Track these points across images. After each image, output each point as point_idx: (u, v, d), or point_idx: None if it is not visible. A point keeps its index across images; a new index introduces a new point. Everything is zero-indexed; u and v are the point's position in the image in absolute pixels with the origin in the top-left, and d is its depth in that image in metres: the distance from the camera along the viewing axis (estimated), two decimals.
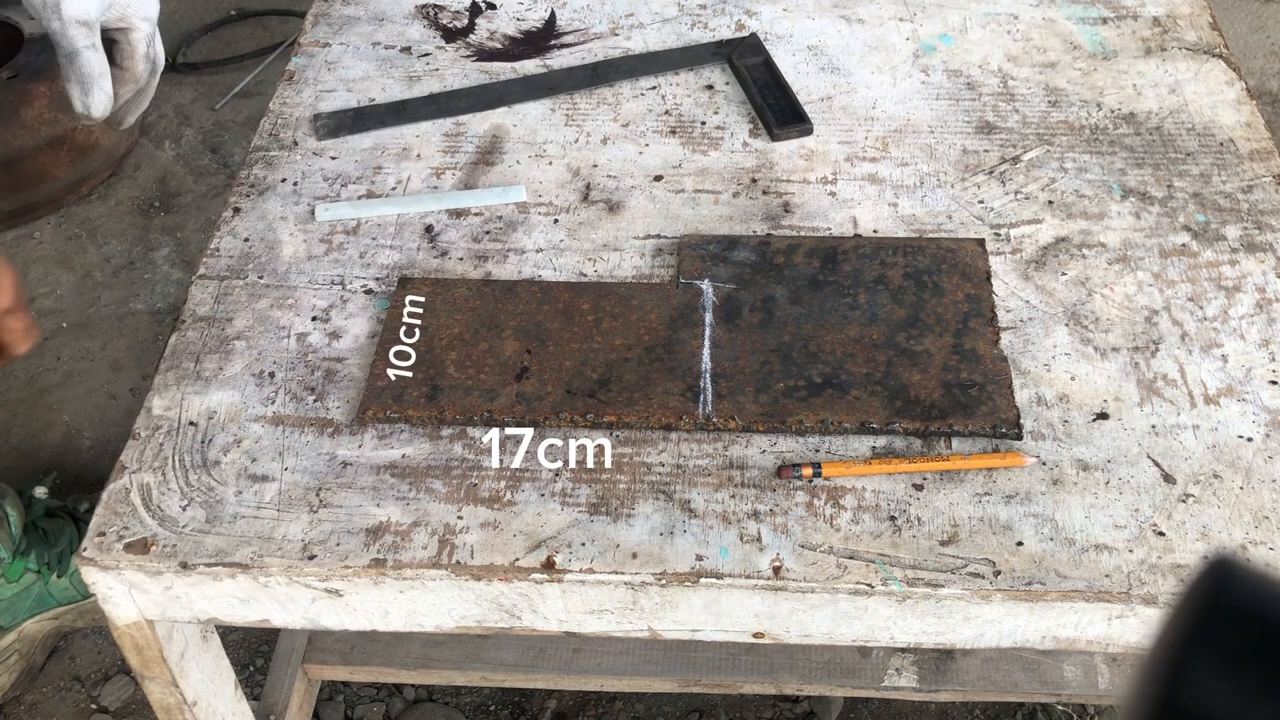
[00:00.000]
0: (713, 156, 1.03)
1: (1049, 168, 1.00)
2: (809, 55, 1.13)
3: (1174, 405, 0.83)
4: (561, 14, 1.19)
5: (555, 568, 0.74)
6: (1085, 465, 0.79)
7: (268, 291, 0.92)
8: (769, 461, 0.80)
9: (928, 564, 0.74)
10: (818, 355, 0.85)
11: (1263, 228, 0.95)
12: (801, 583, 0.74)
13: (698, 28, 1.16)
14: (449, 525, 0.77)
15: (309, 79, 1.12)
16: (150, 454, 0.81)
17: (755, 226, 0.96)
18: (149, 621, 0.80)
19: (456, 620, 0.78)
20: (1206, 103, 1.06)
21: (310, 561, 0.75)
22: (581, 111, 1.07)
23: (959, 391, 0.82)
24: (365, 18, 1.19)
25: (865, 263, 0.92)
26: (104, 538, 0.76)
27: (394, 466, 0.80)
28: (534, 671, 1.25)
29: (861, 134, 1.04)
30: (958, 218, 0.96)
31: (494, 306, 0.89)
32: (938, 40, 1.14)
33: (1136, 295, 0.90)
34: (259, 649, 1.49)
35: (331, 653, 1.27)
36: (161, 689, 0.86)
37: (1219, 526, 0.76)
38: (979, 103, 1.07)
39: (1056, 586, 0.73)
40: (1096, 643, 0.76)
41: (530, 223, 0.97)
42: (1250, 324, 0.88)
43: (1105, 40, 1.13)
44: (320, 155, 1.04)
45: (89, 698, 1.45)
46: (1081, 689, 1.23)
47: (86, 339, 1.85)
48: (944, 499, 0.77)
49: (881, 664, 1.24)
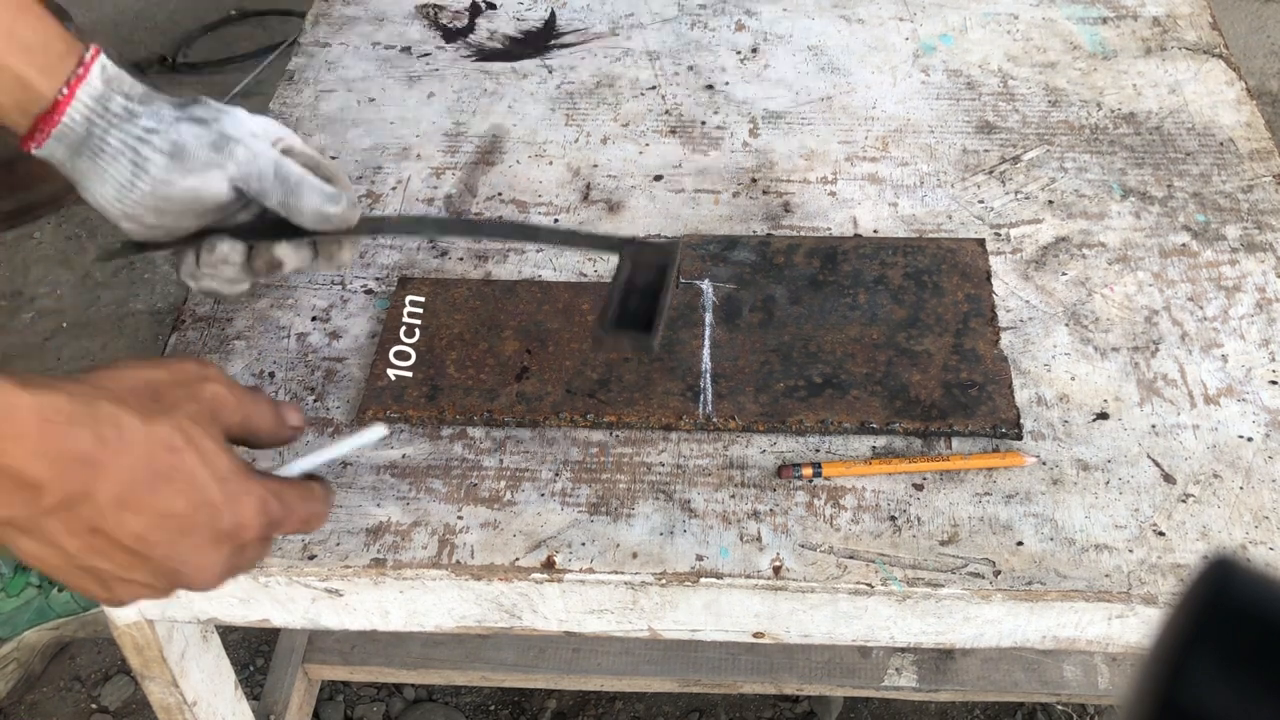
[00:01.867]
0: (713, 156, 1.03)
1: (1049, 167, 1.00)
2: (809, 55, 1.13)
3: (1174, 405, 0.83)
4: (561, 14, 1.19)
5: (555, 567, 0.74)
6: (1085, 465, 0.79)
7: (268, 291, 0.92)
8: (769, 461, 0.80)
9: (928, 564, 0.74)
10: (818, 355, 0.85)
11: (1263, 227, 0.95)
12: (801, 583, 0.74)
13: (698, 27, 1.16)
14: (449, 525, 0.77)
15: (309, 79, 1.12)
16: None
17: (755, 226, 0.96)
18: (149, 621, 0.80)
19: (456, 620, 0.78)
20: (1206, 103, 1.06)
21: (310, 561, 0.75)
22: (581, 111, 1.07)
23: (959, 391, 0.82)
24: (365, 18, 1.19)
25: (865, 263, 0.92)
26: None
27: (394, 466, 0.80)
28: (534, 671, 1.25)
29: (861, 134, 1.04)
30: (958, 218, 0.96)
31: (494, 306, 0.89)
32: (938, 40, 1.14)
33: (1136, 295, 0.90)
34: (259, 649, 1.49)
35: (331, 653, 1.27)
36: (161, 689, 0.86)
37: (1219, 526, 0.76)
38: (979, 103, 1.07)
39: (1056, 586, 0.73)
40: (1096, 643, 0.76)
41: (530, 223, 0.97)
42: (1250, 324, 0.88)
43: (1105, 40, 1.13)
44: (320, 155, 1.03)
45: (89, 698, 1.45)
46: (1081, 689, 1.24)
47: (86, 339, 1.85)
48: (944, 499, 0.77)
49: (881, 664, 1.24)
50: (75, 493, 0.53)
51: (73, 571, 0.57)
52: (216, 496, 0.57)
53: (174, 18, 2.38)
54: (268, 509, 0.60)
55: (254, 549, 0.61)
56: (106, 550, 0.56)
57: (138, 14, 2.40)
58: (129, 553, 0.56)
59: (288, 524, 0.62)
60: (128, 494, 0.54)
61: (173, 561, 0.57)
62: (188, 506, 0.56)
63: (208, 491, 0.57)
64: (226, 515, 0.58)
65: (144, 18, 2.40)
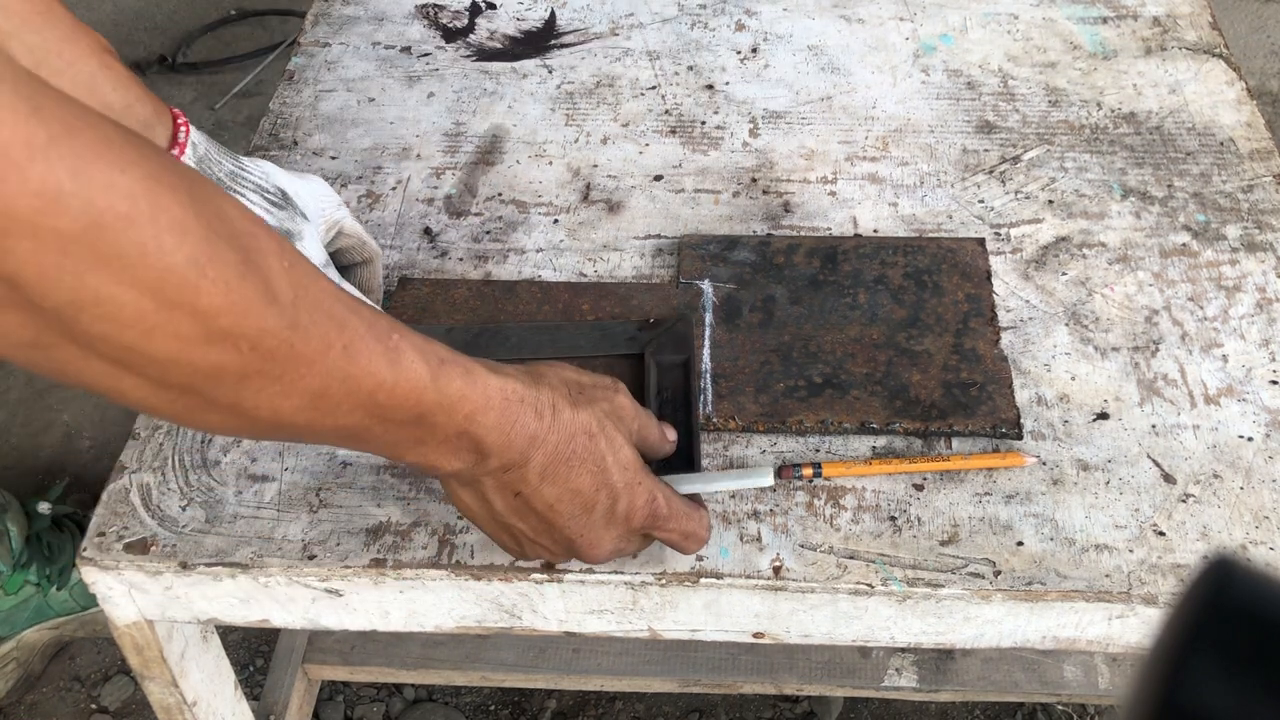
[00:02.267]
0: (713, 156, 1.03)
1: (1049, 167, 1.00)
2: (809, 55, 1.13)
3: (1174, 405, 0.83)
4: (561, 14, 1.19)
5: (555, 567, 0.74)
6: (1085, 465, 0.79)
7: None
8: (769, 461, 0.80)
9: (928, 564, 0.74)
10: (818, 355, 0.85)
11: (1263, 227, 0.95)
12: (801, 583, 0.74)
13: (698, 27, 1.16)
14: (449, 525, 0.77)
15: (309, 79, 1.12)
16: (150, 454, 0.81)
17: (755, 226, 0.96)
18: (149, 621, 0.80)
19: (456, 620, 0.78)
20: (1206, 102, 1.06)
21: (310, 561, 0.75)
22: (581, 111, 1.07)
23: (959, 391, 0.82)
24: (365, 17, 1.19)
25: (865, 262, 0.92)
26: (104, 538, 0.76)
27: (394, 466, 0.80)
28: (534, 671, 1.25)
29: (861, 134, 1.04)
30: (958, 217, 0.96)
31: (494, 306, 0.89)
32: (938, 40, 1.14)
33: (1137, 295, 0.90)
34: (259, 649, 1.49)
35: (331, 653, 1.27)
36: (161, 689, 0.86)
37: (1219, 526, 0.76)
38: (979, 102, 1.07)
39: (1056, 586, 0.73)
40: (1096, 643, 0.76)
41: (530, 223, 0.97)
42: (1250, 324, 0.88)
43: (1105, 40, 1.13)
44: (320, 155, 1.04)
45: (89, 698, 1.45)
46: (1081, 689, 1.24)
47: None
48: (944, 499, 0.77)
49: (881, 664, 1.24)
50: (514, 461, 0.63)
51: (494, 524, 0.67)
52: (617, 481, 0.66)
53: (173, 17, 2.38)
54: (655, 505, 0.68)
55: (637, 539, 0.70)
56: (523, 512, 0.65)
57: (137, 14, 2.40)
58: (540, 518, 0.65)
59: (669, 528, 0.69)
60: (550, 467, 0.64)
61: (571, 532, 0.66)
62: (592, 486, 0.65)
63: (610, 476, 0.66)
64: (622, 500, 0.66)
65: (143, 17, 2.40)
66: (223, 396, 0.51)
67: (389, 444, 0.59)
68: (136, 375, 0.48)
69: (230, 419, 0.53)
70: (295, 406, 0.53)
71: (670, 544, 0.71)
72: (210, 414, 0.52)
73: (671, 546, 0.71)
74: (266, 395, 0.51)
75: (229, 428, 0.54)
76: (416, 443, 0.60)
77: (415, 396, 0.57)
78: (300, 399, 0.53)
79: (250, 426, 0.54)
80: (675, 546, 0.71)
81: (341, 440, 0.58)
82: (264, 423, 0.53)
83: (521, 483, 0.64)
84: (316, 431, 0.56)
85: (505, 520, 0.66)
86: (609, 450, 0.65)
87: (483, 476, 0.64)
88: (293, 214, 0.80)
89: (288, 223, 0.79)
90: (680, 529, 0.69)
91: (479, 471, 0.63)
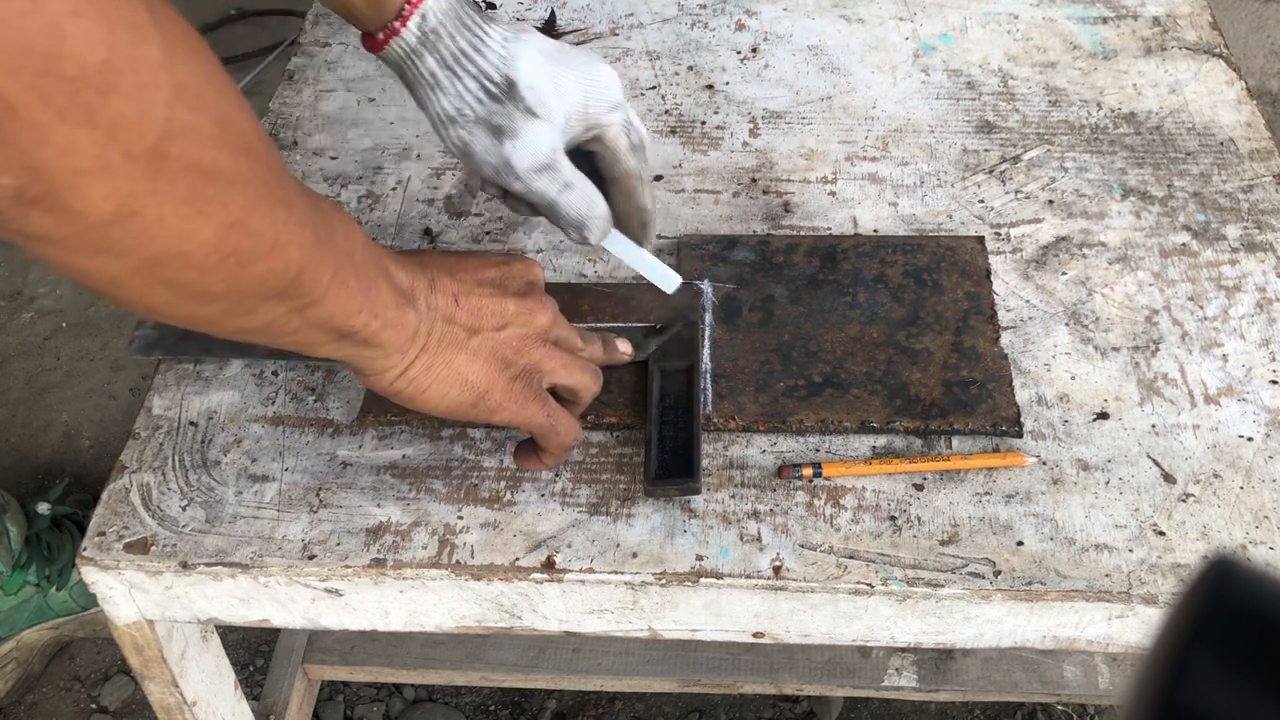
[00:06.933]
0: (713, 156, 1.03)
1: (1049, 167, 1.00)
2: (809, 55, 1.13)
3: (1174, 405, 0.83)
4: (561, 14, 1.18)
5: (555, 567, 0.74)
6: (1085, 465, 0.79)
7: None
8: (769, 461, 0.80)
9: (928, 564, 0.74)
10: (817, 354, 0.85)
11: (1263, 227, 0.95)
12: (801, 583, 0.74)
13: (698, 27, 1.16)
14: (449, 525, 0.77)
15: (309, 79, 1.12)
16: (150, 454, 0.81)
17: (755, 226, 0.96)
18: (149, 621, 0.80)
19: (456, 620, 0.78)
20: (1206, 102, 1.06)
21: (310, 561, 0.75)
22: None
23: (959, 390, 0.82)
24: None
25: (865, 261, 0.92)
26: (104, 537, 0.76)
27: (394, 467, 0.80)
28: (534, 671, 1.25)
29: (861, 134, 1.04)
30: (958, 217, 0.96)
31: None
32: (938, 40, 1.14)
33: (1137, 295, 0.90)
34: (259, 649, 1.49)
35: (331, 653, 1.27)
36: (161, 689, 0.86)
37: (1219, 526, 0.76)
38: (979, 102, 1.07)
39: (1056, 586, 0.73)
40: (1096, 643, 0.76)
41: (530, 223, 0.97)
42: (1250, 324, 0.88)
43: (1105, 40, 1.13)
44: (320, 155, 1.04)
45: (89, 697, 1.45)
46: (1081, 689, 1.24)
47: (86, 339, 1.85)
48: (944, 499, 0.77)
49: (881, 664, 1.24)
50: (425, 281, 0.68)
51: (508, 376, 0.71)
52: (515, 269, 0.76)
53: None
54: (556, 317, 0.75)
55: (547, 348, 0.74)
56: (490, 310, 0.71)
57: None
58: (493, 290, 0.72)
59: (566, 343, 0.75)
60: (451, 266, 0.71)
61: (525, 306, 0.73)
62: (496, 275, 0.73)
63: (511, 266, 0.75)
64: (521, 276, 0.75)
65: None
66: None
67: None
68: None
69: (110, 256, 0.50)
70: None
71: (564, 385, 0.74)
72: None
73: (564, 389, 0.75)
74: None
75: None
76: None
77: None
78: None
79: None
80: (570, 370, 0.74)
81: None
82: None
83: (451, 284, 0.70)
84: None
85: (504, 356, 0.71)
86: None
87: (432, 309, 0.68)
88: (510, 110, 0.74)
89: (500, 118, 0.74)
90: (574, 346, 0.76)
91: (424, 304, 0.68)
